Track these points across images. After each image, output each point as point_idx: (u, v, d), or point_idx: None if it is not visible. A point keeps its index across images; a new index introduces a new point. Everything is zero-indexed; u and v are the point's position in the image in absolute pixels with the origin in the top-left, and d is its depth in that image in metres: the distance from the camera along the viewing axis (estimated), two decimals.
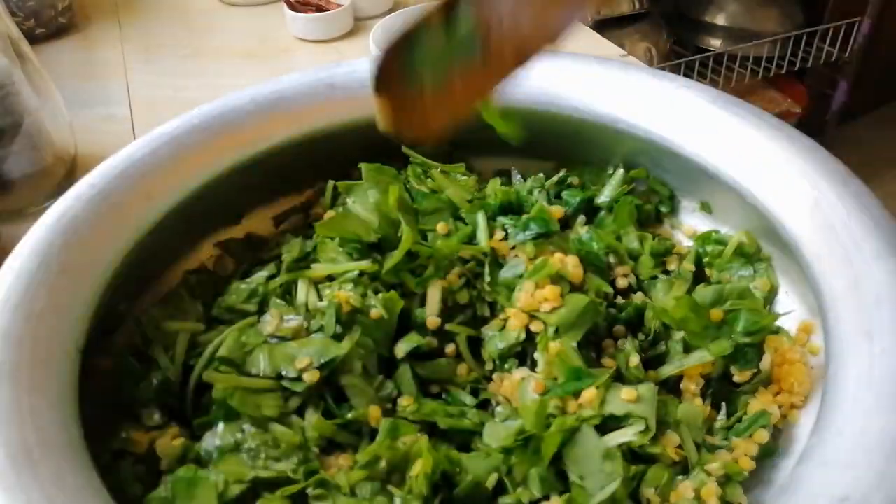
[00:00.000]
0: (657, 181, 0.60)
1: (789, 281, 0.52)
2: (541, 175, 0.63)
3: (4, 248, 0.45)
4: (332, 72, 0.60)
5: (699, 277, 0.55)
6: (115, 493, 0.38)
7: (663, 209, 0.61)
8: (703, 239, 0.57)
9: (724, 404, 0.48)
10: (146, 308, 0.52)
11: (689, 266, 0.55)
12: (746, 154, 0.51)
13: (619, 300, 0.54)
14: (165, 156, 0.53)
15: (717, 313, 0.49)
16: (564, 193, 0.61)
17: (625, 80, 0.57)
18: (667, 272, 0.57)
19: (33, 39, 1.06)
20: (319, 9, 1.15)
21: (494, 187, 0.60)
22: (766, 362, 0.47)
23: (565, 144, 0.61)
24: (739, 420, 0.46)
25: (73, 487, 0.36)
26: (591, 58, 0.59)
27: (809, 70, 2.01)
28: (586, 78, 0.58)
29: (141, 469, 0.45)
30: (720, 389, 0.48)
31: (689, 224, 0.60)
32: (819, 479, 0.33)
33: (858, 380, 0.36)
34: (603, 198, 0.60)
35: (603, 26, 1.80)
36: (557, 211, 0.60)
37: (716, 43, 1.99)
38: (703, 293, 0.51)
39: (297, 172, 0.62)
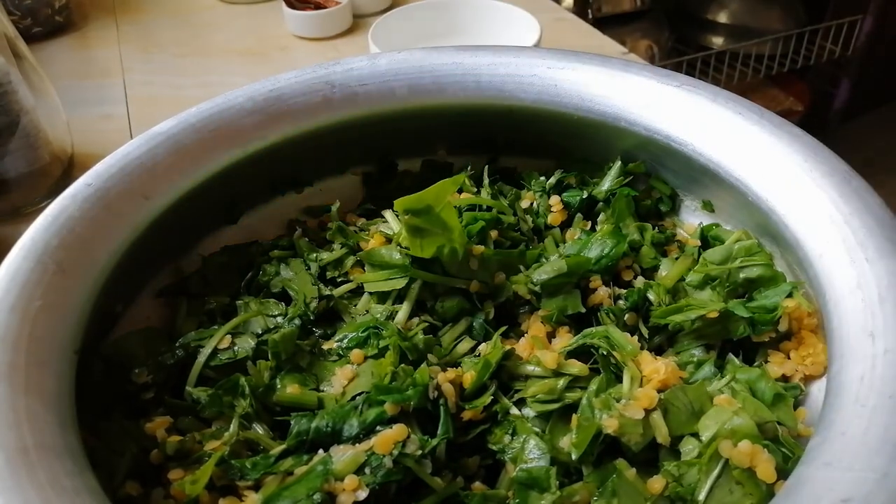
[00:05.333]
0: (658, 179, 0.60)
1: (793, 278, 0.51)
2: (542, 178, 0.63)
3: (1, 248, 0.45)
4: (330, 70, 0.59)
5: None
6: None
7: (663, 207, 0.61)
8: (705, 230, 0.57)
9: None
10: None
11: (694, 241, 0.55)
12: (748, 152, 0.51)
13: (622, 291, 0.54)
14: (162, 155, 0.52)
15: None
16: (565, 195, 0.61)
17: (626, 78, 0.57)
18: None
19: (30, 38, 1.06)
20: (318, 6, 1.15)
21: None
22: (783, 325, 0.48)
23: (566, 143, 0.61)
24: None
25: (71, 490, 0.35)
26: (592, 55, 0.59)
27: (811, 68, 2.01)
28: (587, 76, 0.58)
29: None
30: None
31: (691, 222, 0.60)
32: (821, 479, 0.32)
33: (861, 380, 0.36)
34: (601, 189, 0.60)
35: (604, 24, 1.80)
36: (561, 214, 0.60)
37: (718, 41, 1.99)
38: (712, 252, 0.53)
39: (295, 171, 0.62)
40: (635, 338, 0.49)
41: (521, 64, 0.59)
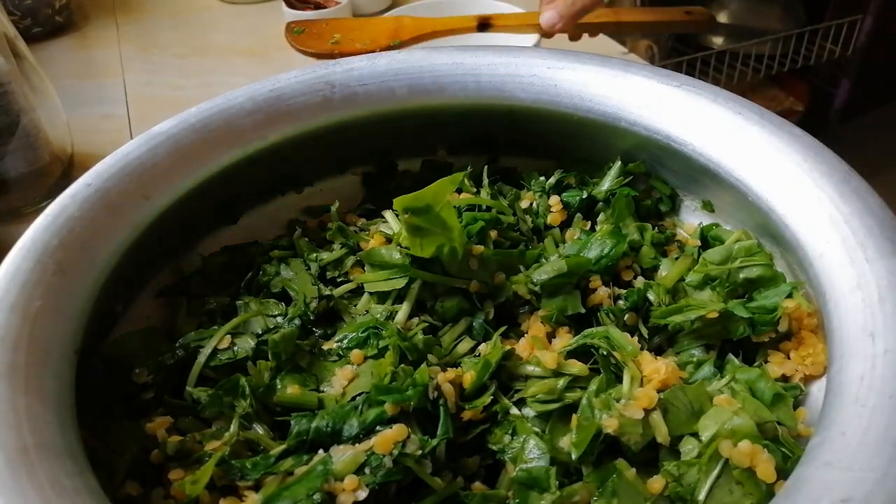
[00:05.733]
0: (658, 179, 0.60)
1: (793, 278, 0.51)
2: (542, 178, 0.63)
3: (1, 248, 0.45)
4: (330, 70, 0.59)
5: None
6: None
7: (663, 207, 0.61)
8: (705, 230, 0.57)
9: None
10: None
11: (694, 241, 0.56)
12: (748, 152, 0.51)
13: (621, 291, 0.54)
14: (163, 155, 0.52)
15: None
16: (564, 195, 0.61)
17: (626, 78, 0.57)
18: None
19: (30, 38, 1.06)
20: (318, 6, 1.15)
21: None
22: (783, 325, 0.48)
23: (566, 143, 0.61)
24: None
25: (71, 490, 0.35)
26: (592, 56, 0.59)
27: (811, 68, 2.01)
28: (588, 76, 0.58)
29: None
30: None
31: (691, 222, 0.60)
32: (821, 479, 0.32)
33: (861, 380, 0.36)
34: (600, 189, 0.60)
35: None
36: (561, 214, 0.60)
37: (717, 41, 1.99)
38: (712, 252, 0.53)
39: (295, 171, 0.62)
40: (635, 338, 0.49)
41: (520, 64, 0.59)
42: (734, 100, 0.53)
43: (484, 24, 0.89)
